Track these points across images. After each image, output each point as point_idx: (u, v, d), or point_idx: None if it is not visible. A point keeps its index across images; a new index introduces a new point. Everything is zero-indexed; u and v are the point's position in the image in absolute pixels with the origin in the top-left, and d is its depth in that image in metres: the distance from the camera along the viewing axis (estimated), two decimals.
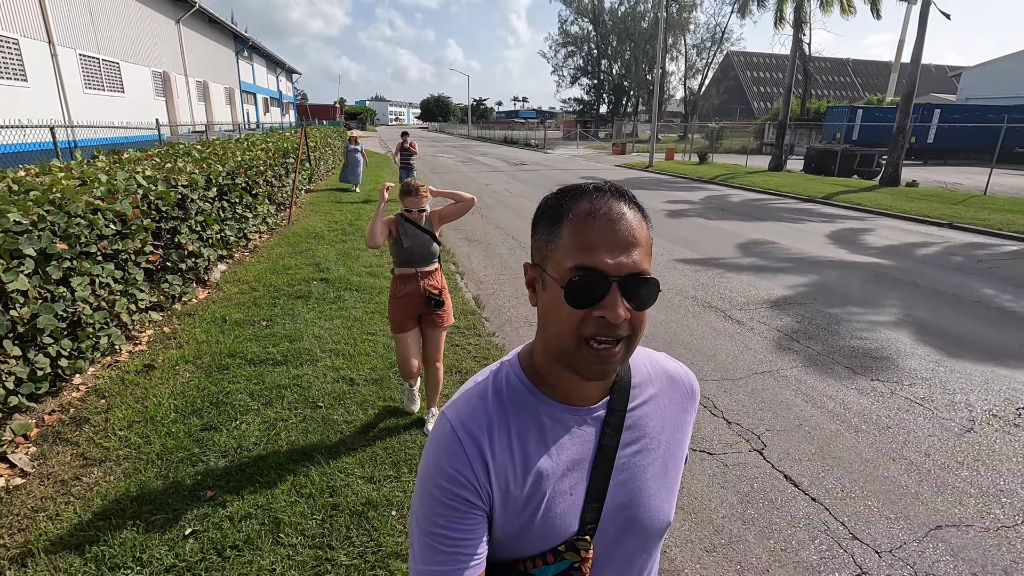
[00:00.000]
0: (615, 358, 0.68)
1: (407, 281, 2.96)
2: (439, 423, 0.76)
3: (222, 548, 2.21)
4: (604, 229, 0.67)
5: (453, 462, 0.71)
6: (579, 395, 0.76)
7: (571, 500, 0.75)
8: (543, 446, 0.75)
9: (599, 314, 0.66)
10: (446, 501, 0.70)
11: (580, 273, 0.66)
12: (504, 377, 0.78)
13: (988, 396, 3.82)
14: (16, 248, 2.73)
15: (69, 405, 3.27)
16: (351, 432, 3.07)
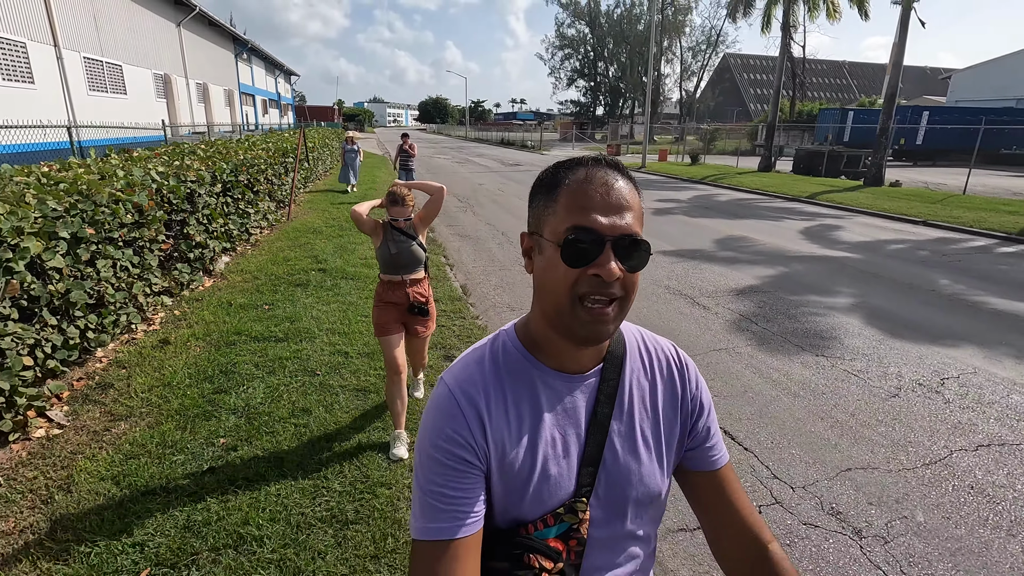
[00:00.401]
0: (608, 317, 0.71)
1: (395, 288, 2.96)
2: (437, 388, 0.79)
3: (235, 479, 2.62)
4: (599, 192, 0.71)
5: (451, 423, 0.74)
6: (573, 363, 0.79)
7: (566, 464, 0.78)
8: (538, 411, 0.78)
9: (593, 271, 0.69)
10: (444, 460, 0.73)
11: (576, 232, 0.70)
12: (501, 345, 0.82)
13: (919, 369, 4.25)
14: (53, 231, 3.15)
15: (94, 373, 3.69)
16: (345, 394, 3.49)
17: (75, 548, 2.19)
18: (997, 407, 3.68)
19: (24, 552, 2.17)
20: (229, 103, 31.20)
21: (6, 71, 12.14)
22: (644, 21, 58.18)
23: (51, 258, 3.08)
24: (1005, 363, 4.38)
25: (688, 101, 58.31)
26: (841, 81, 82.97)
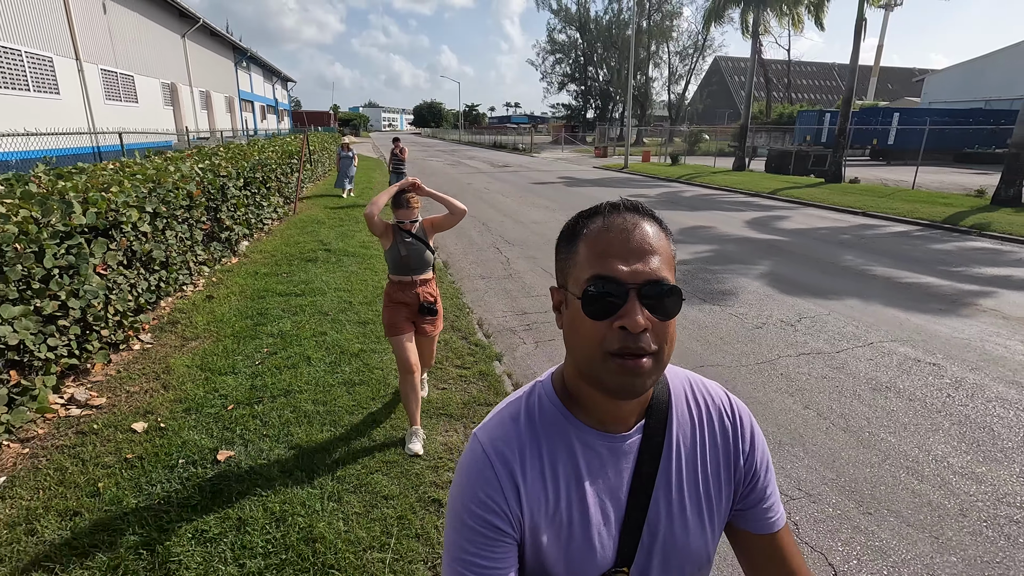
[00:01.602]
0: (643, 369, 0.65)
1: (404, 288, 3.02)
2: (471, 444, 0.75)
3: (280, 367, 3.91)
4: (618, 238, 0.67)
5: (485, 487, 0.70)
6: (613, 418, 0.74)
7: (606, 531, 0.73)
8: (576, 474, 0.73)
9: (619, 324, 0.64)
10: (476, 527, 0.70)
11: (596, 283, 0.66)
12: (537, 399, 0.77)
13: (787, 312, 5.57)
14: (143, 204, 4.43)
15: (162, 315, 4.97)
16: (350, 324, 4.78)
17: (182, 396, 3.48)
18: (829, 333, 5.00)
19: (149, 398, 3.46)
20: (230, 109, 32.48)
21: (36, 83, 13.40)
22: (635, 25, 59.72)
23: (143, 224, 4.37)
24: (854, 307, 5.71)
25: (676, 104, 59.86)
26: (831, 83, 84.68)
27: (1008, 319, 5.45)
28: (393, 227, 3.01)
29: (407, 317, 3.03)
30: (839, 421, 3.50)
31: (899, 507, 2.71)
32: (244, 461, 2.85)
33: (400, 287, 3.03)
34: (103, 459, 2.85)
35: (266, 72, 44.35)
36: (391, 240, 3.01)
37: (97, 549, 2.25)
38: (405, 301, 3.02)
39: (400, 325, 3.00)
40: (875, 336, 4.94)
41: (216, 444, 2.99)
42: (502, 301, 5.91)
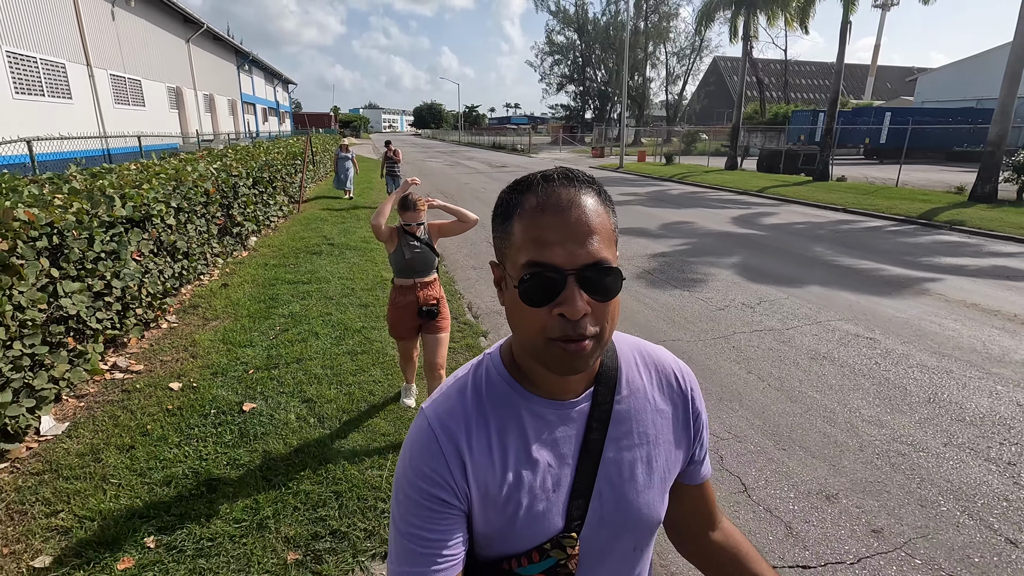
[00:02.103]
0: (584, 351, 0.64)
1: (406, 292, 3.05)
2: (417, 419, 0.75)
3: (292, 340, 4.48)
4: (553, 220, 0.64)
5: (429, 461, 0.70)
6: (561, 388, 0.74)
7: (555, 497, 0.73)
8: (524, 443, 0.73)
9: (559, 311, 0.63)
10: (421, 501, 0.69)
11: (532, 270, 0.63)
12: (484, 372, 0.77)
13: (749, 297, 6.13)
14: (168, 200, 5.00)
15: (183, 300, 5.53)
16: (352, 307, 5.34)
17: (209, 363, 4.04)
18: (783, 313, 5.56)
19: (180, 365, 4.03)
20: (232, 112, 33.08)
21: (51, 89, 13.98)
22: (631, 28, 60.26)
23: (169, 217, 4.94)
24: (812, 292, 6.26)
25: (674, 104, 60.40)
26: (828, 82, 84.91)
27: (949, 301, 6.00)
28: (398, 231, 3.02)
29: (409, 323, 3.08)
30: (775, 383, 4.06)
31: (809, 444, 3.27)
32: (265, 411, 3.41)
33: (402, 291, 3.07)
34: (148, 409, 3.41)
35: (267, 75, 44.97)
36: (396, 244, 3.01)
37: (152, 471, 2.81)
38: (406, 305, 3.07)
39: (402, 330, 3.10)
40: (824, 316, 5.49)
41: (241, 399, 3.55)
42: (491, 289, 6.47)
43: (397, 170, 12.27)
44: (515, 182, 0.71)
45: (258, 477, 2.77)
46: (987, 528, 2.59)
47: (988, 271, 7.41)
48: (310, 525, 2.45)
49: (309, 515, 2.51)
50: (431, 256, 3.07)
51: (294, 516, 2.50)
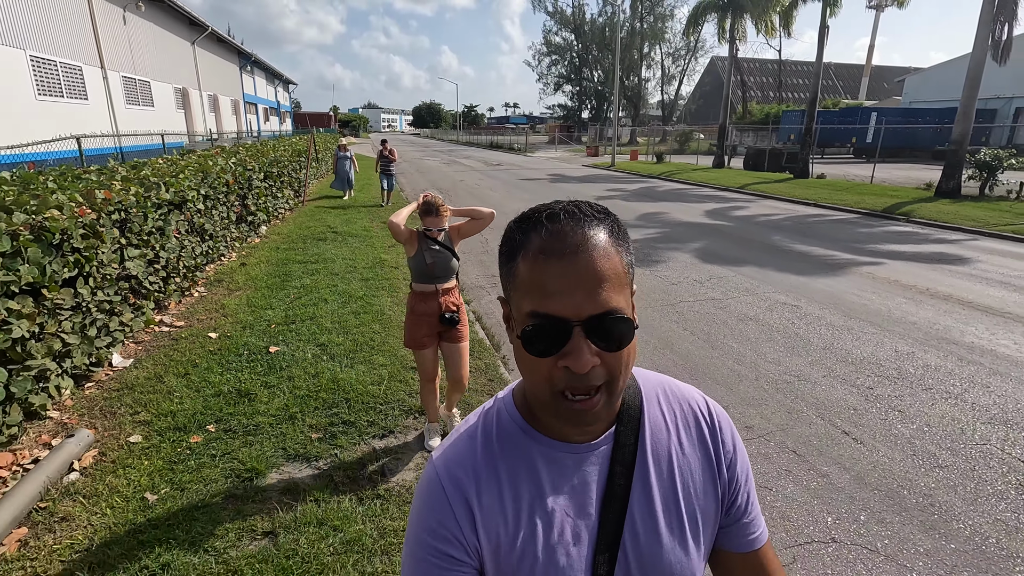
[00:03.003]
0: (595, 408, 0.61)
1: (427, 298, 2.95)
2: (426, 470, 0.71)
3: (305, 305, 5.36)
4: (558, 268, 0.59)
5: (436, 513, 0.67)
6: (579, 429, 0.68)
7: (576, 551, 0.67)
8: (538, 491, 0.68)
9: (564, 364, 0.59)
10: (429, 558, 0.66)
11: (536, 320, 0.59)
12: (495, 415, 0.73)
13: (701, 274, 7.01)
14: (199, 188, 5.87)
15: (209, 276, 6.40)
16: (356, 280, 6.22)
17: (238, 320, 4.92)
18: (726, 287, 6.44)
19: (214, 322, 4.90)
20: (235, 112, 33.94)
21: (69, 90, 14.84)
22: (626, 29, 61.14)
23: (198, 202, 5.82)
24: (758, 271, 7.15)
25: (669, 104, 61.25)
26: (826, 82, 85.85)
27: (876, 279, 6.88)
28: (419, 234, 2.93)
29: (429, 332, 2.96)
30: (704, 337, 4.94)
31: (716, 376, 4.15)
32: (287, 352, 4.29)
33: (422, 298, 2.95)
34: (194, 350, 4.29)
35: (268, 75, 45.81)
36: (416, 248, 2.92)
37: (205, 388, 3.69)
38: (427, 312, 2.94)
39: (421, 340, 2.96)
40: (762, 289, 6.38)
41: (266, 344, 4.43)
42: (476, 268, 7.35)
43: (392, 169, 12.64)
44: (522, 216, 0.66)
45: (286, 391, 3.65)
46: (831, 425, 3.47)
47: (924, 255, 8.29)
48: (327, 418, 3.33)
49: (326, 412, 3.39)
50: (451, 260, 2.97)
51: (315, 413, 3.38)
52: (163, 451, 3.00)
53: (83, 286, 3.50)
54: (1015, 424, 3.48)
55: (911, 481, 2.93)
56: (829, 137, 35.83)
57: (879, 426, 3.46)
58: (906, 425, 3.48)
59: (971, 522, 2.63)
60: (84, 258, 3.49)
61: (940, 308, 5.74)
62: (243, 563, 2.23)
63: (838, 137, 35.73)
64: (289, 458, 2.96)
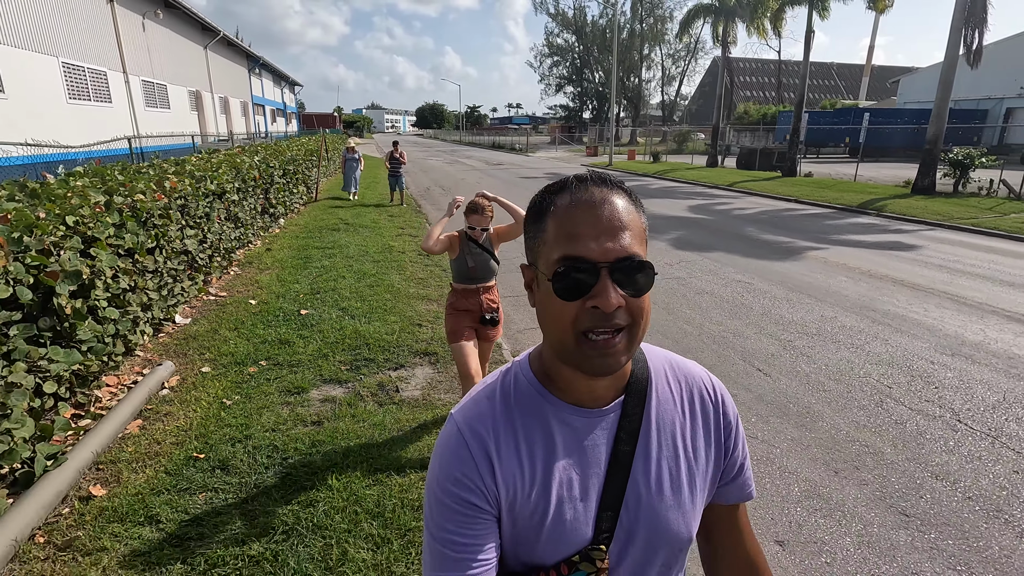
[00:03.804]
0: (616, 348, 0.65)
1: (469, 295, 3.07)
2: (446, 425, 0.76)
3: (327, 280, 6.30)
4: (587, 216, 0.65)
5: (459, 465, 0.71)
6: (590, 396, 0.74)
7: (583, 507, 0.73)
8: (552, 450, 0.73)
9: (592, 304, 0.64)
10: (453, 505, 0.70)
11: (567, 263, 0.64)
12: (513, 378, 0.77)
13: (673, 260, 7.92)
14: (234, 182, 6.82)
15: (240, 259, 7.35)
16: (368, 262, 7.16)
17: (272, 292, 5.86)
18: (692, 268, 7.35)
19: (251, 293, 5.85)
20: (245, 113, 34.97)
21: (95, 94, 15.85)
22: (627, 31, 61.94)
23: (232, 194, 6.77)
24: (723, 256, 8.05)
25: (669, 104, 62.08)
26: (829, 82, 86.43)
27: (827, 263, 7.78)
28: (461, 237, 3.05)
29: (470, 325, 3.08)
30: (663, 306, 5.86)
31: (667, 333, 5.07)
32: (315, 314, 5.22)
33: (464, 295, 3.08)
34: (239, 313, 5.24)
35: (275, 77, 46.88)
36: (458, 251, 3.04)
37: (253, 338, 4.62)
38: (468, 308, 3.08)
39: (462, 332, 3.05)
40: (723, 271, 7.29)
41: (298, 308, 5.37)
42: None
43: (401, 171, 12.87)
44: (547, 186, 0.72)
45: (318, 340, 4.59)
46: (749, 365, 4.39)
47: (880, 244, 9.18)
48: (352, 356, 4.27)
49: (351, 353, 4.33)
50: (491, 262, 3.06)
51: (343, 353, 4.32)
52: (229, 376, 3.94)
53: (159, 255, 4.45)
54: (897, 365, 4.39)
55: (798, 399, 3.85)
56: (824, 137, 36.68)
57: (787, 366, 4.38)
58: (808, 365, 4.39)
59: (832, 423, 3.54)
60: (160, 233, 4.44)
61: (873, 285, 6.64)
62: (303, 435, 3.18)
63: (832, 137, 36.54)
64: (325, 381, 3.90)
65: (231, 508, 2.57)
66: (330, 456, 2.97)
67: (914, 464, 3.10)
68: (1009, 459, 3.15)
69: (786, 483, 2.94)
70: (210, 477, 2.79)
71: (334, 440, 3.12)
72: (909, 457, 3.17)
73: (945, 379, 4.14)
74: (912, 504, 2.77)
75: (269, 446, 3.07)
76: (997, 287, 6.56)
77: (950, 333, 5.05)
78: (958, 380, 4.12)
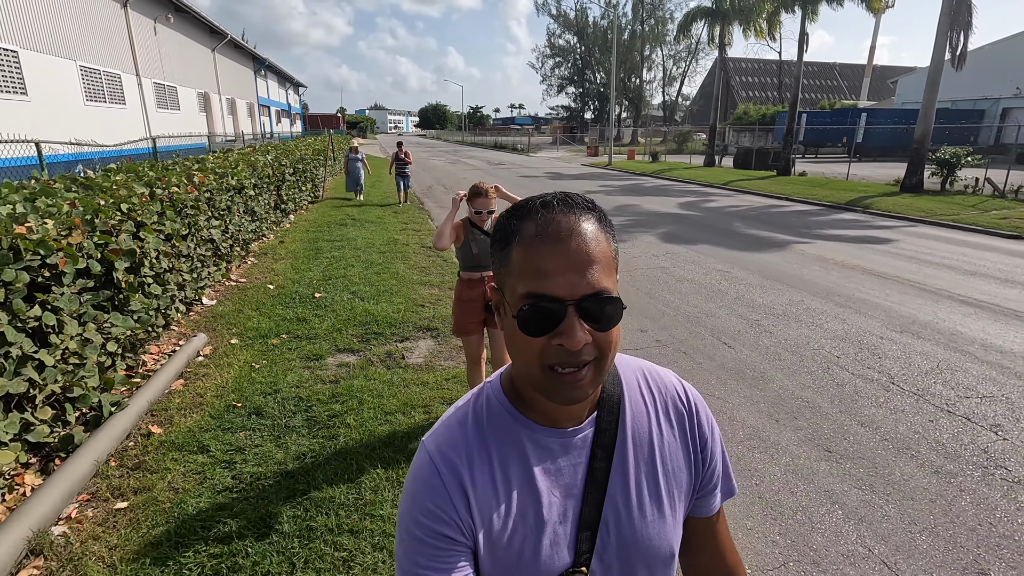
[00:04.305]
0: (582, 382, 0.65)
1: (474, 285, 3.09)
2: (418, 454, 0.74)
3: (337, 268, 6.85)
4: (552, 251, 0.64)
5: (432, 496, 0.70)
6: (564, 415, 0.73)
7: (562, 529, 0.72)
8: (527, 473, 0.72)
9: (557, 342, 0.63)
10: (425, 538, 0.69)
11: (531, 300, 0.63)
12: (484, 401, 0.76)
13: (659, 251, 8.44)
14: (251, 178, 7.38)
15: (255, 250, 7.90)
16: (374, 253, 7.71)
17: (287, 278, 6.41)
18: (676, 259, 7.88)
19: (268, 279, 6.40)
20: (251, 114, 35.61)
21: (111, 97, 16.46)
22: (629, 32, 62.39)
23: (251, 190, 7.33)
24: (707, 248, 8.58)
25: (671, 105, 62.53)
26: (832, 83, 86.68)
27: (804, 255, 8.29)
28: (464, 225, 3.08)
29: (475, 318, 3.12)
30: (646, 291, 6.38)
31: (646, 313, 5.59)
32: (328, 296, 5.77)
33: (469, 284, 3.11)
34: (259, 296, 5.79)
35: (280, 79, 47.54)
36: (462, 239, 3.07)
37: (274, 317, 5.17)
38: (473, 298, 3.11)
39: (468, 327, 3.11)
40: (706, 261, 7.81)
41: (312, 292, 5.92)
42: None
43: (407, 170, 13.07)
44: (513, 207, 0.71)
45: (332, 317, 5.13)
46: (716, 339, 4.92)
47: (859, 239, 9.68)
48: (363, 330, 4.82)
49: (362, 328, 4.88)
50: None
51: (354, 328, 4.87)
52: (255, 347, 4.49)
53: (190, 241, 5.00)
54: (849, 340, 4.91)
55: (755, 366, 4.38)
56: (822, 137, 37.09)
57: (750, 340, 4.91)
58: (769, 339, 4.92)
59: (781, 384, 4.07)
60: (192, 222, 4.99)
61: (844, 274, 7.16)
62: (323, 389, 3.73)
63: (830, 137, 36.94)
64: (339, 351, 4.45)
65: (267, 441, 3.12)
66: (347, 404, 3.52)
67: (845, 415, 3.63)
68: (928, 412, 3.67)
69: (733, 429, 3.47)
70: (247, 420, 3.34)
71: (350, 393, 3.67)
72: (842, 410, 3.69)
73: (889, 351, 4.66)
74: (836, 444, 3.30)
75: (295, 397, 3.61)
76: (959, 276, 7.06)
77: (904, 314, 5.57)
78: (900, 352, 4.64)
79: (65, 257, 2.91)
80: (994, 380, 4.11)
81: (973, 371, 4.26)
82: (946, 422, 3.53)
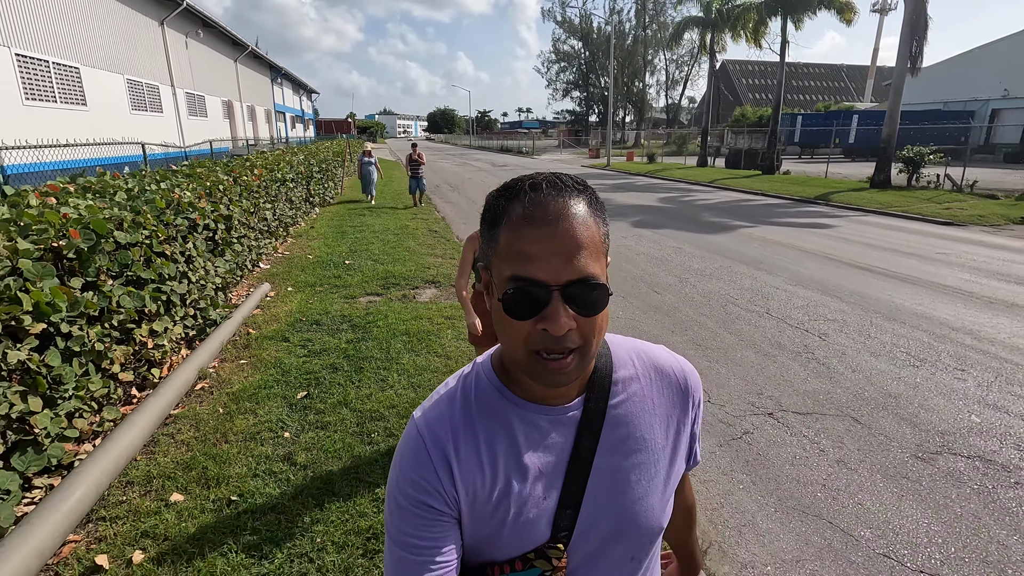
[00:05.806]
0: (567, 368, 0.66)
1: None
2: (407, 428, 0.77)
3: (361, 244, 8.50)
4: (539, 234, 0.63)
5: (418, 468, 0.72)
6: (552, 394, 0.74)
7: (544, 506, 0.74)
8: (514, 450, 0.74)
9: (542, 326, 0.64)
10: (412, 508, 0.71)
11: (517, 284, 0.64)
12: (474, 378, 0.78)
13: (627, 234, 10.00)
14: (291, 173, 9.06)
15: (291, 233, 9.57)
16: (393, 236, 9.36)
17: (322, 251, 8.06)
18: (642, 240, 9.45)
19: (308, 251, 8.06)
20: (268, 120, 37.60)
21: (151, 106, 18.32)
22: (632, 37, 63.89)
23: (290, 184, 9.01)
24: (670, 232, 10.13)
25: (673, 108, 63.95)
26: (839, 84, 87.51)
27: (751, 237, 9.82)
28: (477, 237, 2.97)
29: (488, 331, 3.13)
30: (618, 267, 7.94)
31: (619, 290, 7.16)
32: (355, 263, 7.41)
33: (481, 297, 3.19)
34: (302, 262, 7.44)
35: (295, 86, 49.63)
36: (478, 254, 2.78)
37: (316, 274, 6.81)
38: (486, 311, 3.15)
39: (483, 337, 3.12)
40: (666, 241, 9.37)
41: (342, 260, 7.57)
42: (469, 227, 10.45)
43: (421, 172, 13.45)
44: (504, 186, 0.70)
45: (360, 275, 6.77)
46: (652, 291, 6.48)
47: (806, 224, 11.17)
48: (384, 282, 6.47)
49: (383, 281, 6.53)
50: None
51: (377, 281, 6.52)
52: (304, 292, 6.14)
53: (254, 218, 6.67)
54: (751, 290, 6.44)
55: (673, 305, 5.94)
56: (816, 138, 38.40)
57: (676, 290, 6.48)
58: (691, 290, 6.48)
59: (687, 314, 5.63)
60: (256, 203, 6.66)
61: (778, 251, 8.68)
62: (359, 310, 5.36)
63: (824, 138, 38.24)
64: (368, 294, 6.08)
65: (325, 335, 4.76)
66: (376, 319, 5.16)
67: (722, 328, 5.19)
68: (781, 327, 5.22)
69: (639, 336, 5.05)
70: (309, 327, 4.98)
71: (378, 312, 5.30)
72: (721, 326, 5.26)
73: (777, 296, 6.21)
74: (707, 343, 4.87)
75: (340, 315, 5.27)
76: (872, 251, 8.56)
77: (805, 275, 7.10)
78: (785, 296, 6.19)
79: (199, 214, 4.57)
80: (843, 311, 5.65)
81: (832, 306, 5.80)
82: (790, 332, 5.09)
